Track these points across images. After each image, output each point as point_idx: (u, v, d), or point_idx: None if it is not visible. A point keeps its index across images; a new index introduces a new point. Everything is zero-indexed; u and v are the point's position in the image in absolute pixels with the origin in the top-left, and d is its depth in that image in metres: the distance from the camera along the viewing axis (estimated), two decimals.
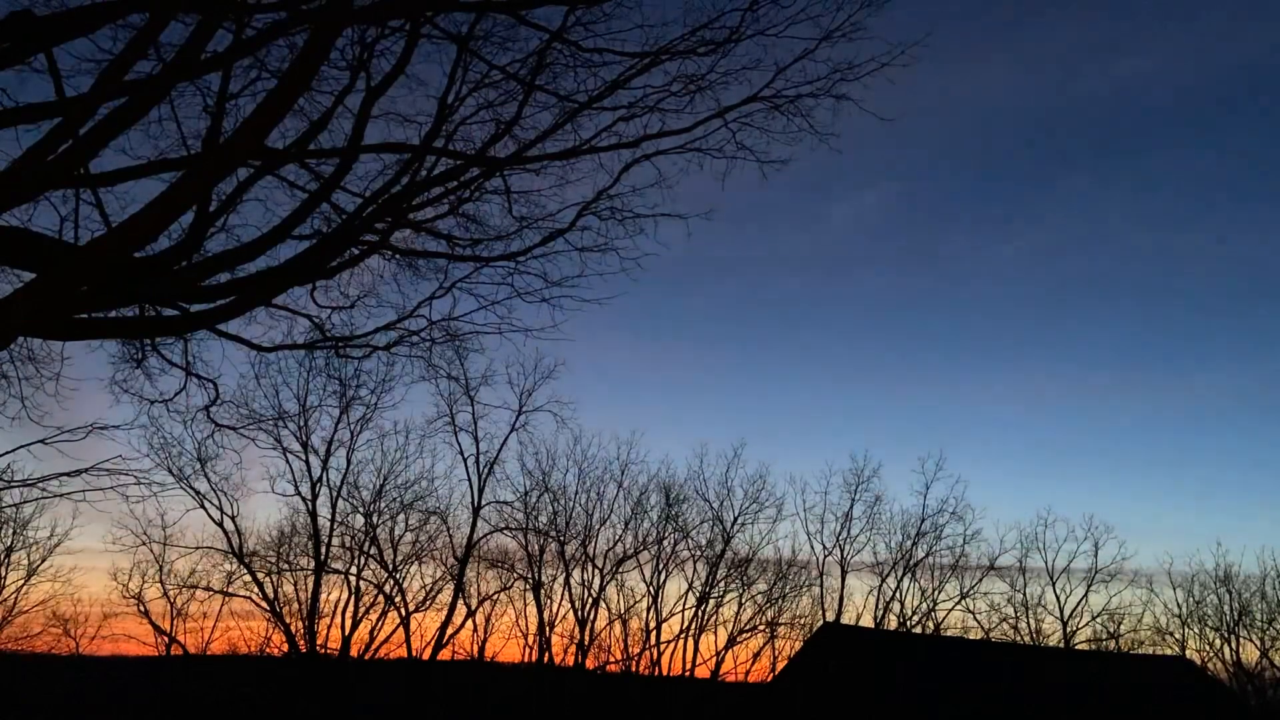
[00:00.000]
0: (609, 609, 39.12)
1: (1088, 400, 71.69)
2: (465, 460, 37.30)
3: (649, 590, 39.23)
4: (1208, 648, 40.20)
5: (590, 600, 38.37)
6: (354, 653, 35.82)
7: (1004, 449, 66.76)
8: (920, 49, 12.49)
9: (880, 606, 40.36)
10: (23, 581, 36.66)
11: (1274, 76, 69.99)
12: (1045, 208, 76.33)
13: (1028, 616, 41.40)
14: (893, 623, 39.95)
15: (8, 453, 13.92)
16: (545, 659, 37.90)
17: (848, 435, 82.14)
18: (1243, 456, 71.21)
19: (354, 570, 36.34)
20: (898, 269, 75.59)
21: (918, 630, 39.65)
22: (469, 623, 37.68)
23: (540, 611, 37.94)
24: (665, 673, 38.85)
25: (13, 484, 14.75)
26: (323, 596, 35.77)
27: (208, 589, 36.10)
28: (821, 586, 40.44)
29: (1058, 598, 41.61)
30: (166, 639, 36.74)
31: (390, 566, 36.56)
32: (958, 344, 72.87)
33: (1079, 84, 68.68)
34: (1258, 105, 72.24)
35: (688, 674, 38.99)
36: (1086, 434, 70.10)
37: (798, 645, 37.36)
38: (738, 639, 39.43)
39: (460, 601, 36.87)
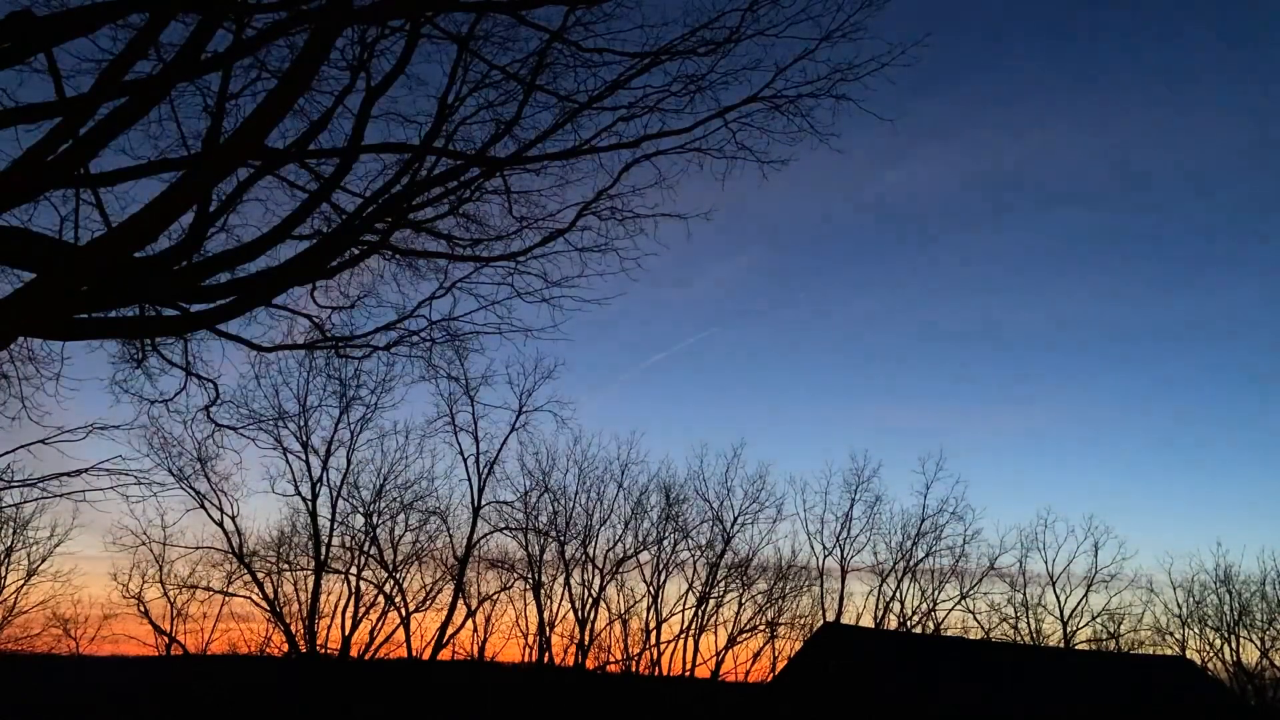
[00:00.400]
0: (609, 609, 39.13)
1: (1089, 400, 71.72)
2: (465, 460, 37.31)
3: (649, 590, 39.26)
4: (1208, 648, 40.19)
5: (590, 600, 38.38)
6: (354, 653, 35.82)
7: (1004, 449, 66.79)
8: (922, 49, 12.51)
9: (880, 606, 40.37)
10: (23, 581, 36.68)
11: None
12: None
13: (1028, 616, 41.41)
14: (893, 623, 39.95)
15: (8, 453, 13.90)
16: (545, 659, 37.90)
17: (848, 435, 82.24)
18: (1243, 456, 71.23)
19: (354, 570, 36.34)
20: (896, 272, 75.62)
21: (918, 630, 39.64)
22: (469, 623, 37.70)
23: (540, 611, 37.96)
24: (665, 673, 38.85)
25: (13, 484, 14.73)
26: (323, 596, 35.79)
27: (208, 589, 36.12)
28: (821, 586, 40.45)
29: (1058, 598, 41.63)
30: (166, 639, 36.74)
31: (390, 566, 36.56)
32: (958, 345, 72.85)
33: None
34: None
35: (688, 674, 38.99)
36: (1087, 434, 70.15)
37: (798, 645, 37.36)
38: (738, 639, 39.43)
39: (460, 601, 36.88)
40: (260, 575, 35.51)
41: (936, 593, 40.88)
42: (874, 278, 76.03)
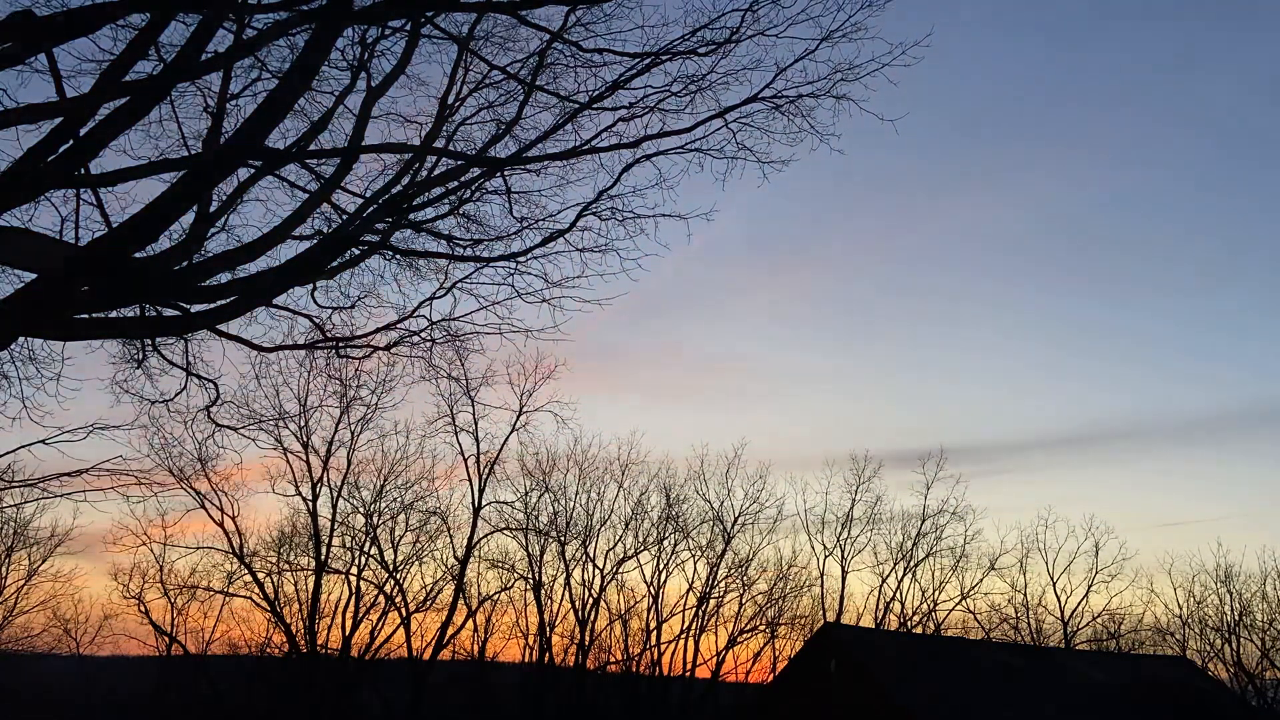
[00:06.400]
0: (609, 609, 39.16)
1: (1089, 399, 71.77)
2: (465, 460, 37.36)
3: (649, 590, 39.28)
4: (1208, 648, 40.17)
5: (590, 600, 38.40)
6: (354, 653, 35.84)
7: (1004, 449, 66.79)
8: (921, 49, 12.48)
9: (880, 606, 40.39)
10: (23, 581, 36.73)
11: None
12: None
13: (1028, 616, 41.42)
14: (893, 623, 39.96)
15: (8, 453, 13.84)
16: (545, 659, 37.91)
17: (848, 435, 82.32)
18: (1243, 455, 71.25)
19: (354, 570, 36.39)
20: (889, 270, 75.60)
21: (918, 630, 39.65)
22: (469, 623, 37.74)
23: (540, 611, 37.99)
24: (665, 673, 38.87)
25: (13, 484, 14.69)
26: (323, 596, 35.81)
27: (208, 589, 36.17)
28: (822, 586, 40.48)
29: (1058, 598, 41.62)
30: (166, 639, 36.75)
31: (390, 566, 36.60)
32: (958, 343, 72.86)
33: None
34: None
35: (688, 674, 39.02)
36: (1087, 433, 70.16)
37: (798, 645, 37.37)
38: (738, 639, 39.46)
39: (460, 601, 36.91)
40: (260, 575, 35.58)
41: (936, 593, 40.95)
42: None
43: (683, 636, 38.93)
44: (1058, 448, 67.65)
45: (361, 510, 36.64)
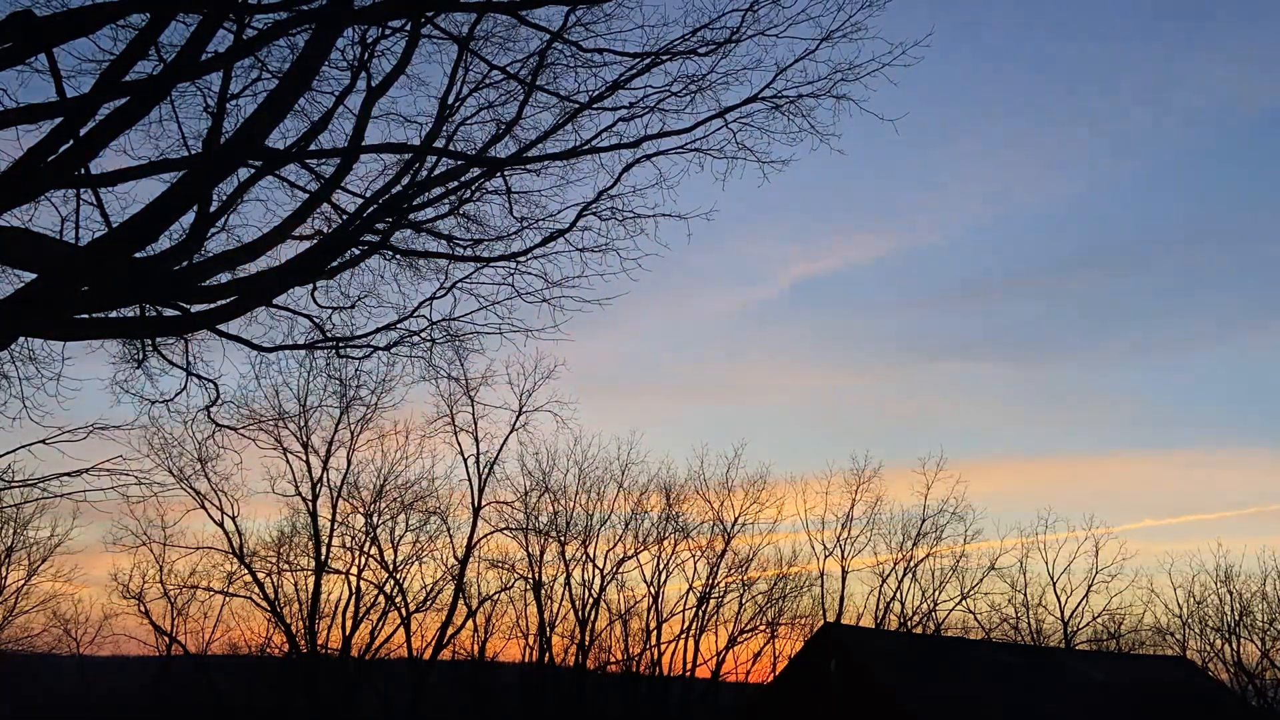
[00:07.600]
0: (609, 609, 39.16)
1: (1089, 398, 71.78)
2: (465, 460, 37.36)
3: (649, 590, 39.29)
4: (1208, 648, 40.11)
5: (590, 600, 38.40)
6: (354, 653, 35.84)
7: (1004, 449, 66.81)
8: (921, 49, 12.50)
9: (880, 606, 40.37)
10: (23, 581, 36.74)
11: None
12: None
13: (1028, 616, 41.40)
14: (893, 623, 39.94)
15: (8, 453, 13.85)
16: (545, 659, 37.92)
17: (848, 435, 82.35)
18: (1243, 454, 71.23)
19: (354, 570, 36.40)
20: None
21: (918, 630, 39.63)
22: (469, 623, 37.74)
23: (540, 611, 37.99)
24: (665, 673, 38.87)
25: (13, 484, 14.71)
26: (323, 596, 35.81)
27: (208, 589, 36.17)
28: (822, 586, 40.48)
29: (1058, 598, 41.61)
30: (166, 639, 36.77)
31: (390, 566, 36.61)
32: (958, 343, 72.88)
33: None
34: None
35: (688, 674, 39.02)
36: (1089, 433, 70.18)
37: (798, 645, 37.36)
38: (738, 639, 39.47)
39: (460, 601, 36.91)
40: (260, 575, 35.58)
41: (936, 593, 40.92)
42: None
43: (683, 636, 38.95)
44: (1059, 448, 67.63)
45: (361, 510, 36.67)
